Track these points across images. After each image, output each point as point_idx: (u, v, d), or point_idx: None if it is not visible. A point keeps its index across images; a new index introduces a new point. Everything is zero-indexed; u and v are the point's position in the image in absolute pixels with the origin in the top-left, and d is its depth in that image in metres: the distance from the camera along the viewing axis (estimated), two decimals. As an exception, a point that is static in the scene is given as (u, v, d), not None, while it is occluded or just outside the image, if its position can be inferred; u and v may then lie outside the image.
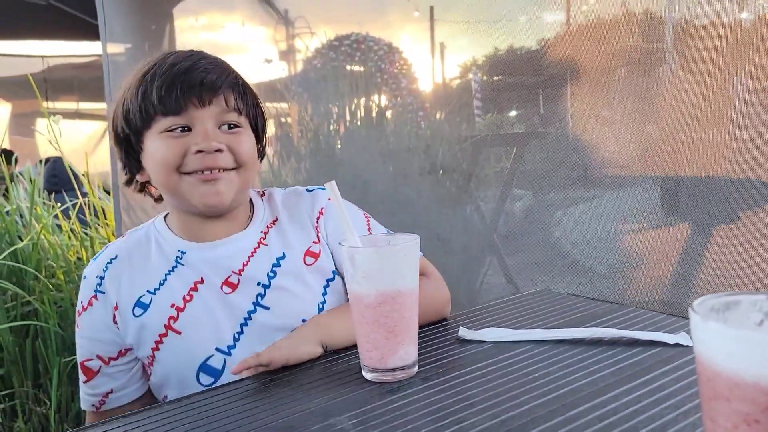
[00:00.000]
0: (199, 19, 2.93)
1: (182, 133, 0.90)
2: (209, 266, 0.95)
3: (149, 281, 0.95)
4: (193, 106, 0.90)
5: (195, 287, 0.94)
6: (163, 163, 0.90)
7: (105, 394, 0.96)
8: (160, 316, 0.92)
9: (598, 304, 1.01)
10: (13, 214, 2.40)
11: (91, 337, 0.95)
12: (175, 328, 0.92)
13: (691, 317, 0.42)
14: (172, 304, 0.93)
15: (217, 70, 0.92)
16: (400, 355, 0.77)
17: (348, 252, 0.77)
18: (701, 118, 1.76)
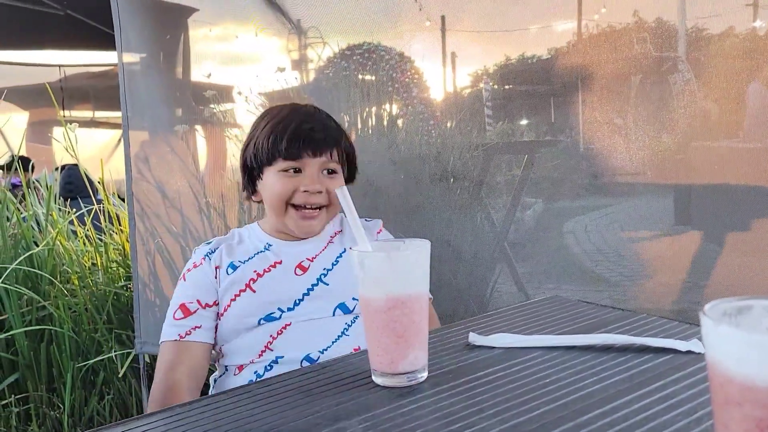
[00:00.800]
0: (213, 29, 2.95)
1: (295, 173, 1.21)
2: (288, 254, 1.24)
3: (242, 255, 1.24)
4: (307, 156, 1.20)
5: (274, 265, 1.22)
6: (277, 195, 1.21)
7: (194, 327, 1.19)
8: (243, 277, 1.20)
9: (609, 311, 1.01)
10: (29, 219, 2.43)
11: (196, 285, 1.22)
12: (252, 287, 1.19)
13: (703, 321, 0.42)
14: (254, 271, 1.21)
15: (329, 131, 1.23)
16: (410, 360, 0.77)
17: (358, 256, 0.78)
18: (714, 126, 1.75)
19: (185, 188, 2.42)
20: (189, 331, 1.19)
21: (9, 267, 2.17)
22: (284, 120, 1.22)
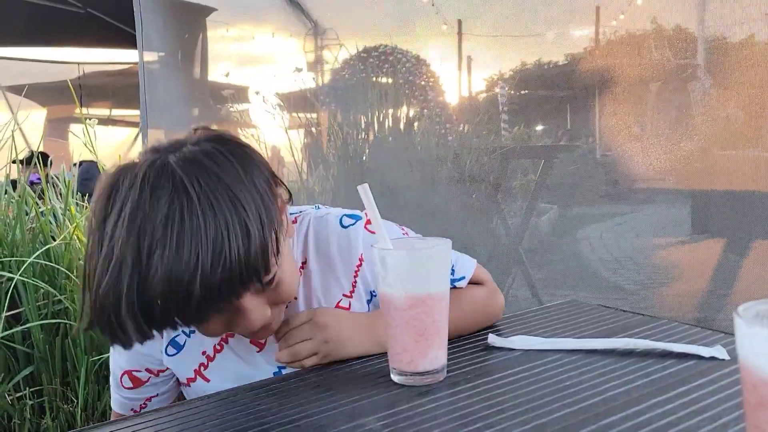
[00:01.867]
0: (230, 29, 2.98)
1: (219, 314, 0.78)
2: None
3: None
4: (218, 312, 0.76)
5: (226, 339, 0.91)
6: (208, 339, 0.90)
7: (149, 398, 0.98)
8: (192, 360, 0.92)
9: (629, 316, 1.00)
10: (47, 214, 2.45)
11: (142, 352, 0.93)
12: (204, 375, 0.93)
13: (736, 322, 0.42)
14: (203, 352, 0.91)
15: (236, 240, 0.68)
16: (430, 359, 0.77)
17: (379, 254, 0.77)
18: (733, 134, 1.74)
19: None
20: (144, 404, 0.98)
21: (27, 260, 2.20)
22: (142, 261, 0.66)
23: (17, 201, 2.39)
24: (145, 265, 0.65)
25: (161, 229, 0.66)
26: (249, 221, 0.69)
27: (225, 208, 0.68)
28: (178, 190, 0.67)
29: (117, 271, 0.66)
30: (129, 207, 0.67)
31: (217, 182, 0.69)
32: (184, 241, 0.65)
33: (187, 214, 0.66)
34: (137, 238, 0.66)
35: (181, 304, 0.67)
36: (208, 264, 0.66)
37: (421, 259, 0.78)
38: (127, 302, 0.66)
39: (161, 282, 0.65)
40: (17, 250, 2.30)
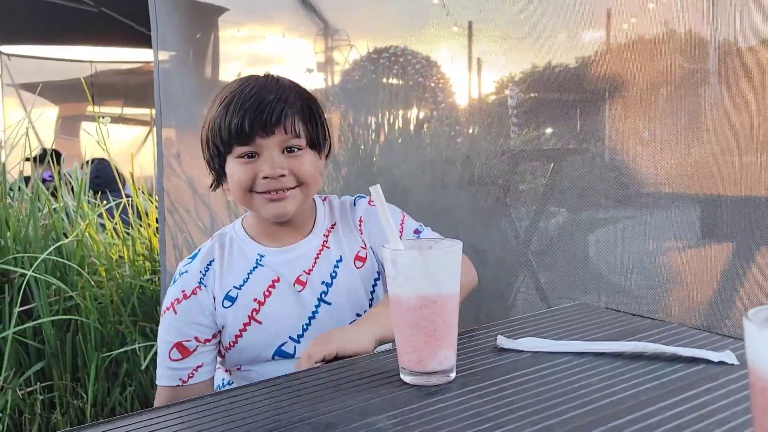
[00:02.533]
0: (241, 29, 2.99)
1: (250, 159, 1.06)
2: (284, 267, 1.12)
3: (235, 279, 1.11)
4: (259, 137, 1.04)
5: (273, 284, 1.11)
6: (237, 185, 1.07)
7: (196, 368, 1.09)
8: (245, 308, 1.09)
9: (639, 320, 1.00)
10: (60, 211, 2.48)
11: (192, 321, 1.09)
12: (257, 319, 1.09)
13: (746, 326, 0.43)
14: (254, 299, 1.10)
15: (280, 101, 1.06)
16: (439, 359, 0.78)
17: (390, 255, 0.78)
18: (745, 139, 1.73)
19: (213, 185, 2.45)
20: (191, 374, 1.08)
21: (39, 257, 2.22)
22: (230, 97, 1.06)
23: (31, 198, 2.42)
24: (237, 93, 1.06)
25: (263, 80, 1.10)
26: (308, 97, 1.12)
27: (297, 86, 1.12)
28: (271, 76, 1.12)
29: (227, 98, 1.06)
30: (237, 83, 1.09)
31: None
32: (270, 83, 1.09)
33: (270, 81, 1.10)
34: (239, 86, 1.08)
35: (253, 111, 1.03)
36: (275, 92, 1.07)
37: (432, 260, 0.79)
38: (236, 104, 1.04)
39: (243, 88, 1.07)
40: (30, 247, 2.32)
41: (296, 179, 1.07)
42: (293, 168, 1.07)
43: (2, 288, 2.29)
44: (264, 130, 1.04)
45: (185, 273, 1.12)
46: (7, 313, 2.22)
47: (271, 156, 1.05)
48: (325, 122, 1.14)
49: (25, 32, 5.70)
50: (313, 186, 1.11)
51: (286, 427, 0.68)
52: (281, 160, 1.06)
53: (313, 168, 1.10)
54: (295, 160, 1.07)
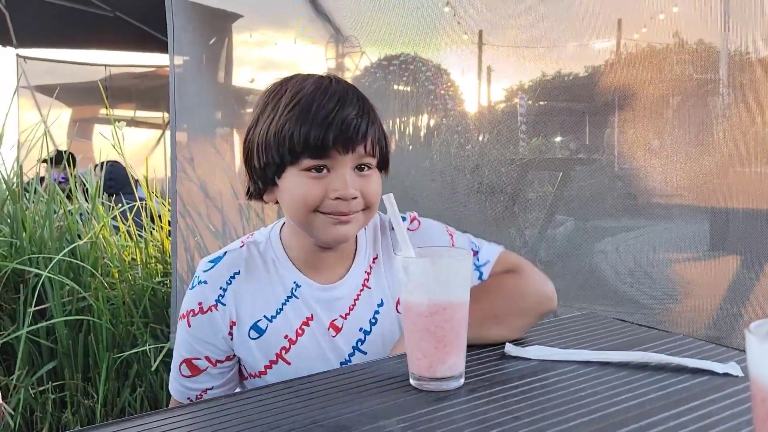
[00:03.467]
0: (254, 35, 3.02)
1: (319, 174, 0.95)
2: (320, 305, 1.02)
3: (267, 307, 1.01)
4: (337, 152, 0.94)
5: (306, 323, 1.01)
6: (302, 203, 0.95)
7: (204, 390, 1.03)
8: (275, 345, 1.00)
9: (645, 330, 1.01)
10: (75, 213, 2.51)
11: (203, 339, 1.01)
12: (286, 359, 1.00)
13: (748, 338, 0.44)
14: (285, 336, 1.00)
15: (363, 116, 0.95)
16: (448, 365, 0.80)
17: (402, 262, 0.80)
18: (754, 151, 1.74)
19: (226, 188, 2.48)
20: (200, 396, 1.03)
21: (54, 258, 2.25)
22: (303, 103, 0.94)
23: (47, 200, 2.46)
24: (307, 97, 0.94)
25: (337, 87, 0.97)
26: (377, 114, 0.99)
27: (367, 99, 0.99)
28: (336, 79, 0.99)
29: (300, 102, 0.94)
30: (301, 83, 0.97)
31: None
32: (347, 93, 0.96)
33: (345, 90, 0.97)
34: (314, 90, 0.95)
35: (335, 124, 0.92)
36: (354, 104, 0.95)
37: (443, 268, 0.81)
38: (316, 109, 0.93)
39: (320, 95, 0.94)
40: (45, 248, 2.36)
41: (364, 202, 0.97)
42: (363, 189, 0.96)
43: (17, 288, 2.32)
44: (345, 146, 0.93)
45: (204, 283, 1.01)
46: (21, 313, 2.26)
47: (343, 174, 0.94)
48: (388, 138, 1.04)
49: (41, 36, 5.78)
50: (375, 210, 1.01)
51: (298, 429, 0.70)
52: (354, 180, 0.95)
53: (378, 189, 1.00)
54: (365, 181, 0.97)
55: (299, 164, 0.94)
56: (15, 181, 2.52)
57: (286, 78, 1.00)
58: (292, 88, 0.96)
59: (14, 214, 2.36)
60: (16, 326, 2.26)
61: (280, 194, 0.99)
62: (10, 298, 2.32)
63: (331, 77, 0.99)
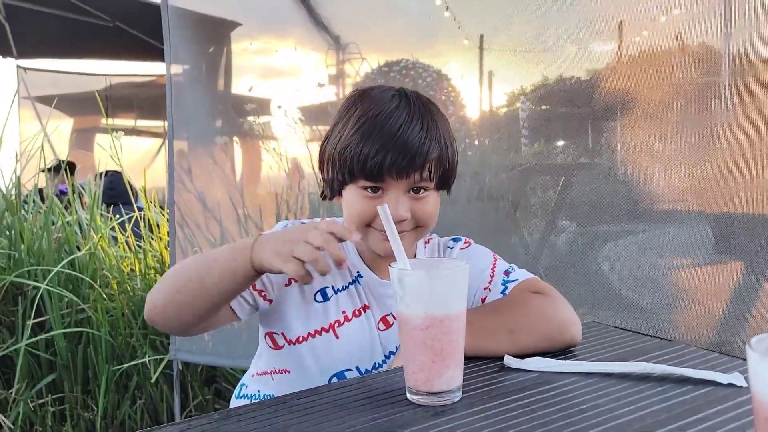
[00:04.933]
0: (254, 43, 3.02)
1: (374, 194, 1.00)
2: (376, 300, 1.08)
3: (336, 280, 1.07)
4: (391, 178, 0.98)
5: (363, 310, 1.07)
6: (356, 218, 1.01)
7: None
8: (333, 315, 1.05)
9: (647, 340, 0.99)
10: (73, 224, 2.51)
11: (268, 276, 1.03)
12: (337, 332, 1.05)
13: (749, 355, 0.42)
14: (343, 311, 1.06)
15: (423, 143, 0.97)
16: (446, 379, 0.78)
17: (398, 274, 0.79)
18: (757, 154, 1.72)
19: (225, 199, 2.47)
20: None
21: (53, 270, 2.24)
22: (368, 124, 0.98)
23: (45, 211, 2.45)
24: (376, 117, 0.98)
25: (405, 108, 1.00)
26: (447, 134, 1.03)
27: (439, 118, 1.03)
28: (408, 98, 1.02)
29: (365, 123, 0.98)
30: (371, 102, 1.01)
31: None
32: (413, 114, 0.99)
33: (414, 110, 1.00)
34: (381, 112, 0.98)
35: (392, 150, 0.96)
36: (419, 128, 0.98)
37: (439, 280, 0.79)
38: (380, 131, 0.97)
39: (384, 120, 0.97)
40: (43, 260, 2.35)
41: (416, 222, 1.02)
42: (415, 211, 1.00)
43: (16, 300, 2.31)
44: (399, 173, 0.97)
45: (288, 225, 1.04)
46: (20, 325, 2.25)
47: (396, 197, 0.99)
48: (455, 162, 1.05)
49: (41, 46, 5.80)
50: (430, 227, 1.05)
51: (291, 447, 0.69)
52: (405, 203, 0.99)
53: (434, 209, 1.04)
54: (418, 203, 1.01)
55: (357, 183, 1.00)
56: (13, 192, 2.51)
57: (363, 90, 1.04)
58: (362, 105, 1.01)
59: (12, 226, 2.35)
60: (14, 339, 2.25)
61: (344, 203, 1.05)
62: (9, 310, 2.31)
63: (406, 94, 1.02)
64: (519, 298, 1.02)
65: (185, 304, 0.96)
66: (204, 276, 0.94)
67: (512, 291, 1.04)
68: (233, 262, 0.91)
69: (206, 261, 0.96)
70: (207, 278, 0.93)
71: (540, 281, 1.06)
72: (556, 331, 0.96)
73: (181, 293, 0.96)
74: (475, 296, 1.06)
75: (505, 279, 1.07)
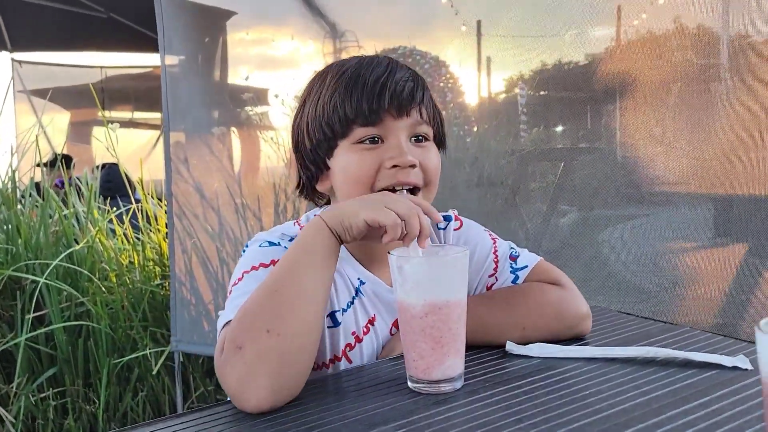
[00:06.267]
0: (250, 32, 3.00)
1: (372, 144, 0.89)
2: (383, 306, 0.95)
3: (342, 298, 0.93)
4: (390, 117, 0.88)
5: (372, 322, 0.94)
6: (356, 179, 0.89)
7: None
8: (343, 339, 0.92)
9: (651, 323, 0.98)
10: (70, 217, 2.50)
11: None
12: (349, 356, 0.92)
13: (758, 337, 0.41)
14: (353, 332, 0.92)
15: (415, 80, 0.91)
16: (446, 367, 0.77)
17: (397, 261, 0.77)
18: (759, 137, 1.70)
19: (222, 189, 2.46)
20: None
21: (51, 263, 2.23)
22: (350, 75, 0.89)
23: (41, 205, 2.44)
24: (354, 69, 0.90)
25: (384, 57, 0.93)
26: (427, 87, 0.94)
27: None
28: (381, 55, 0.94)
29: (348, 74, 0.90)
30: (344, 61, 0.93)
31: None
32: (396, 61, 0.92)
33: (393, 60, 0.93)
34: (360, 61, 0.91)
35: (388, 86, 0.87)
36: (405, 69, 0.91)
37: (438, 267, 0.78)
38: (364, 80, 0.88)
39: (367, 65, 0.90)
40: (41, 254, 2.34)
41: (424, 176, 0.90)
42: (422, 160, 0.89)
43: (14, 295, 2.31)
44: (398, 109, 0.88)
45: (278, 245, 0.89)
46: (19, 320, 2.24)
47: (398, 142, 0.88)
48: (443, 118, 0.98)
49: (35, 39, 5.76)
50: (434, 190, 0.93)
51: (291, 437, 0.68)
52: (410, 148, 0.89)
53: (438, 163, 0.93)
54: (423, 152, 0.90)
55: (351, 136, 0.88)
56: (9, 186, 2.50)
57: (329, 64, 0.96)
58: (336, 66, 0.92)
59: (9, 220, 2.34)
60: (14, 334, 2.25)
61: (333, 178, 0.92)
62: (8, 305, 2.31)
63: (385, 56, 0.94)
64: (534, 293, 0.95)
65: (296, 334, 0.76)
66: (297, 284, 0.79)
67: (525, 281, 0.98)
68: (313, 253, 0.80)
69: (284, 273, 0.80)
70: (301, 284, 0.79)
71: (551, 267, 1.00)
72: (568, 327, 0.93)
73: (281, 320, 0.76)
74: (480, 282, 0.99)
75: (514, 266, 0.99)
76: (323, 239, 0.81)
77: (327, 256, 0.81)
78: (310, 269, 0.80)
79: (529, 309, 0.93)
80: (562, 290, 0.96)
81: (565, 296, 0.95)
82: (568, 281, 0.98)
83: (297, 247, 0.82)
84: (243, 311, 0.78)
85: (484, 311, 0.93)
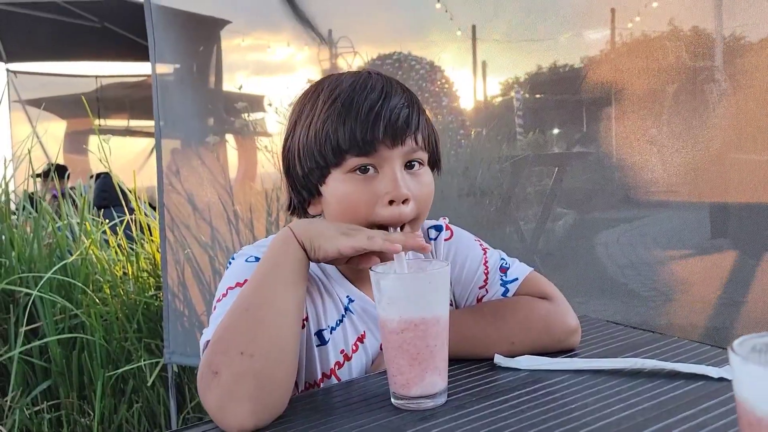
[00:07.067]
0: (245, 40, 2.99)
1: (363, 174, 0.85)
2: (373, 322, 0.93)
3: (331, 316, 0.92)
4: (385, 147, 0.84)
5: (361, 339, 0.93)
6: (351, 211, 0.86)
7: None
8: (333, 357, 0.91)
9: (638, 333, 0.98)
10: (64, 229, 2.49)
11: None
12: (338, 375, 0.91)
13: (731, 358, 0.40)
14: (341, 350, 0.91)
15: (410, 105, 0.87)
16: (425, 384, 0.75)
17: (374, 277, 0.77)
18: (753, 139, 1.70)
19: (215, 200, 2.45)
20: None
21: (44, 276, 2.23)
22: (344, 98, 0.85)
23: (35, 217, 2.43)
24: (347, 92, 0.86)
25: (378, 78, 0.88)
26: (420, 102, 0.90)
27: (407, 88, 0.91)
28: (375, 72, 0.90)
29: (336, 105, 0.85)
30: (337, 80, 0.89)
31: None
32: (391, 83, 0.88)
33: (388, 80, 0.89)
34: (353, 84, 0.87)
35: (382, 115, 0.83)
36: (400, 94, 0.87)
37: (413, 283, 0.77)
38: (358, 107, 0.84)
39: (360, 88, 0.86)
40: (35, 266, 2.33)
41: (416, 207, 0.86)
42: (415, 191, 0.86)
43: (8, 308, 2.30)
44: (393, 139, 0.84)
45: (257, 260, 0.86)
46: (12, 333, 2.23)
47: (393, 172, 0.84)
48: (437, 136, 0.93)
49: (30, 50, 5.78)
50: (425, 215, 0.90)
51: (272, 458, 0.67)
52: (404, 178, 0.85)
53: (432, 190, 0.90)
54: (417, 181, 0.87)
55: (344, 165, 0.85)
56: (3, 198, 2.49)
57: (320, 79, 0.92)
58: (328, 87, 0.88)
59: (2, 233, 2.33)
60: (8, 347, 2.24)
61: (325, 204, 0.90)
62: (1, 318, 2.30)
63: (369, 71, 0.90)
64: (522, 307, 0.94)
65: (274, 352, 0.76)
66: (268, 302, 0.78)
67: (514, 294, 0.96)
68: (282, 267, 0.80)
69: (253, 291, 0.79)
70: (271, 301, 0.78)
71: (541, 279, 0.99)
72: (557, 342, 0.92)
73: (257, 341, 0.74)
74: (470, 294, 0.98)
75: (504, 279, 0.97)
76: (293, 252, 0.81)
77: (296, 269, 0.80)
78: (279, 285, 0.79)
79: (518, 323, 0.92)
80: (551, 304, 0.95)
81: (553, 310, 0.93)
82: (558, 295, 0.96)
83: (265, 262, 0.81)
84: (217, 334, 0.77)
85: (472, 324, 0.92)
